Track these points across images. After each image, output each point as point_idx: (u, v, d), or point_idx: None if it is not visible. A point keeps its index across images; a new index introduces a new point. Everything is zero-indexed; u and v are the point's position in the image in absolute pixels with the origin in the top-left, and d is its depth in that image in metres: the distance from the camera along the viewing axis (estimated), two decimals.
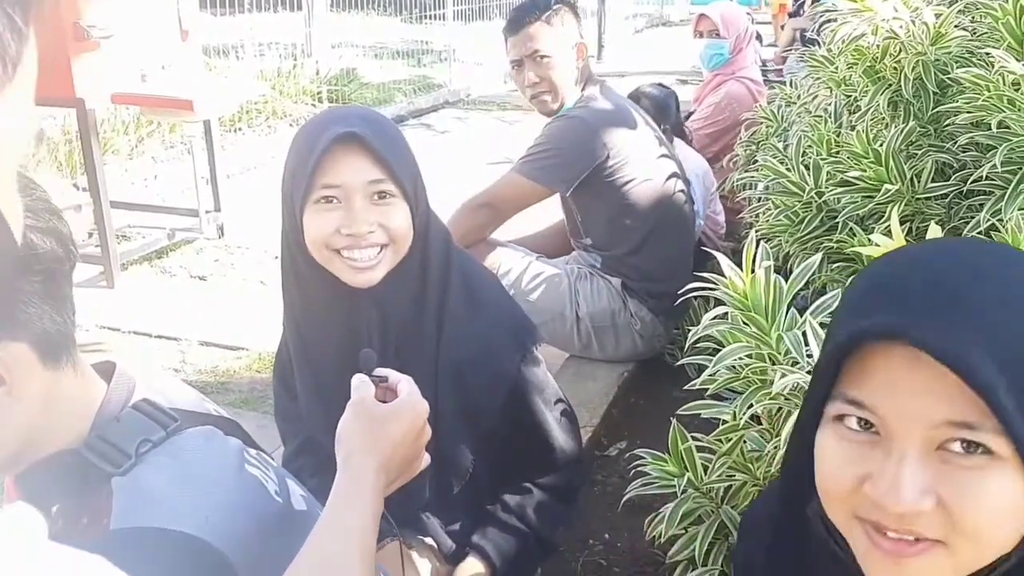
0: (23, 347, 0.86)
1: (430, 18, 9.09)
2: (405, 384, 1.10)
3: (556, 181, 2.47)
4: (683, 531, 1.65)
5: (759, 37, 4.98)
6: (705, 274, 1.53)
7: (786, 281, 1.52)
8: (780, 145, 2.64)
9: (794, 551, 0.88)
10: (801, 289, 1.56)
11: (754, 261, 1.50)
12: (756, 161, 2.79)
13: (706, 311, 2.75)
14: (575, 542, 2.04)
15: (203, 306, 3.85)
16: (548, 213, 2.86)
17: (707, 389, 1.68)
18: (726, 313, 1.56)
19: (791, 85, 3.06)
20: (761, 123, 2.97)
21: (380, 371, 1.12)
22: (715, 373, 1.56)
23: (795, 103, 2.90)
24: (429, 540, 1.60)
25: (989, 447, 0.67)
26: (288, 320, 1.60)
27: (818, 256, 1.53)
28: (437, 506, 1.59)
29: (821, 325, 1.40)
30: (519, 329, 1.60)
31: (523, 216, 2.66)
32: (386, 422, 1.05)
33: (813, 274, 1.60)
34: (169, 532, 0.88)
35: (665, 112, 3.20)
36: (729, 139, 3.72)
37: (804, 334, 1.38)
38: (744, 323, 1.52)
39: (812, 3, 8.53)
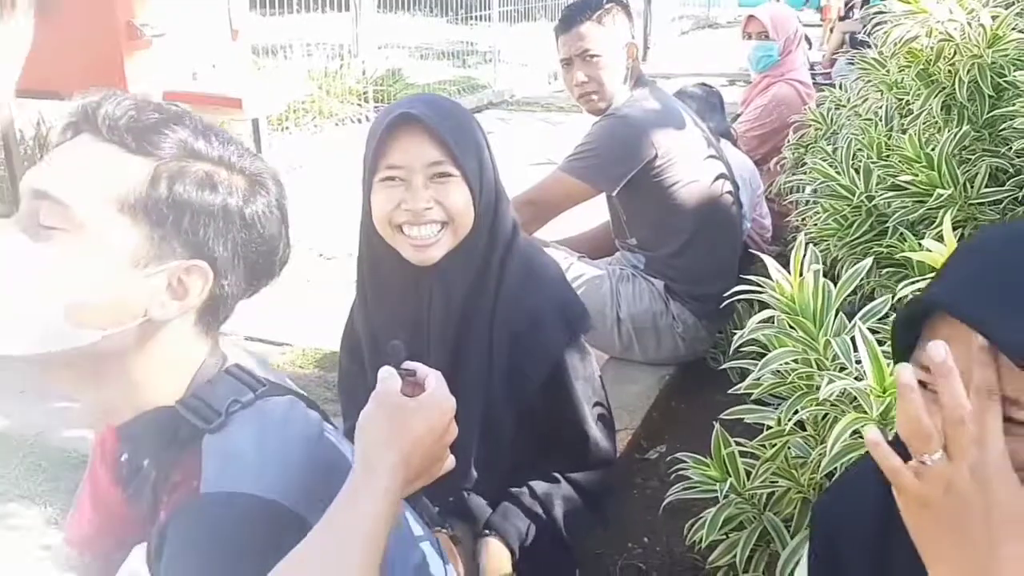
0: (210, 280, 0.95)
1: (475, 19, 9.11)
2: (433, 379, 1.04)
3: (603, 180, 2.45)
4: (724, 536, 1.63)
5: (808, 41, 4.92)
6: (752, 277, 1.51)
7: (834, 286, 1.50)
8: (829, 148, 2.61)
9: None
10: (850, 294, 1.54)
11: (802, 265, 1.48)
12: (804, 164, 2.76)
13: (751, 315, 2.73)
14: (613, 545, 2.03)
15: (248, 301, 3.89)
16: (591, 214, 2.84)
17: (750, 394, 1.67)
18: (772, 317, 1.55)
19: (840, 88, 3.02)
20: (810, 126, 2.93)
21: (409, 364, 1.07)
22: (759, 378, 1.55)
23: (844, 106, 2.86)
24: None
25: None
26: (359, 294, 1.67)
27: (868, 261, 1.50)
28: (480, 485, 1.61)
29: (871, 331, 1.37)
30: (568, 311, 1.62)
31: (566, 216, 2.65)
32: (410, 416, 0.98)
33: (862, 279, 1.57)
34: (256, 498, 0.90)
35: (709, 113, 3.17)
36: (776, 141, 3.68)
37: (853, 339, 1.36)
38: (791, 327, 1.50)
39: (862, 6, 8.42)
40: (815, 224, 2.11)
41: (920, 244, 1.61)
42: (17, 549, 2.31)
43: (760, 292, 1.50)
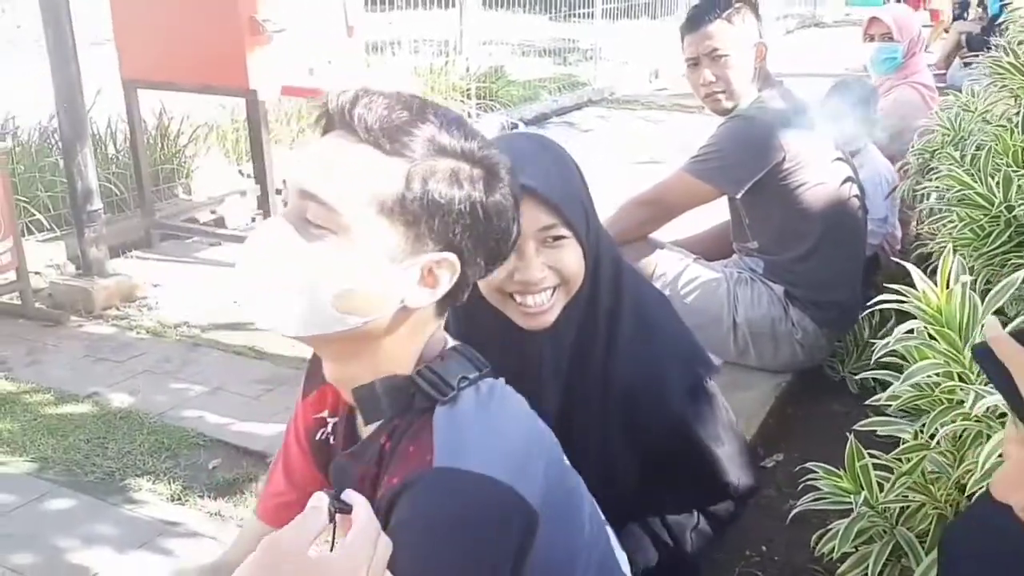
0: (457, 270, 1.01)
1: (577, 16, 9.11)
2: (360, 523, 0.83)
3: (727, 182, 2.43)
4: (853, 549, 1.61)
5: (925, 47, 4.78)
6: (894, 286, 1.48)
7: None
8: (956, 155, 2.53)
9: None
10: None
11: (949, 275, 1.44)
12: (930, 170, 2.68)
13: (870, 325, 2.67)
14: (730, 551, 2.02)
15: None
16: (706, 215, 2.82)
17: (871, 406, 1.64)
18: (912, 329, 1.51)
19: (970, 93, 2.92)
20: (935, 131, 2.85)
21: (351, 495, 0.86)
22: (899, 390, 1.52)
23: (971, 111, 2.77)
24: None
25: None
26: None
27: (1021, 273, 1.45)
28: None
29: None
30: (691, 359, 1.59)
31: (682, 217, 2.64)
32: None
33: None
34: (483, 477, 0.95)
35: (862, 107, 3.10)
36: (900, 145, 3.59)
37: None
38: (932, 339, 1.47)
39: (978, 5, 8.12)
40: (949, 233, 2.06)
41: None
42: (141, 523, 2.42)
43: (902, 301, 1.47)
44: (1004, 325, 1.44)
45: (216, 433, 2.88)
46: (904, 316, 1.52)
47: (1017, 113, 2.31)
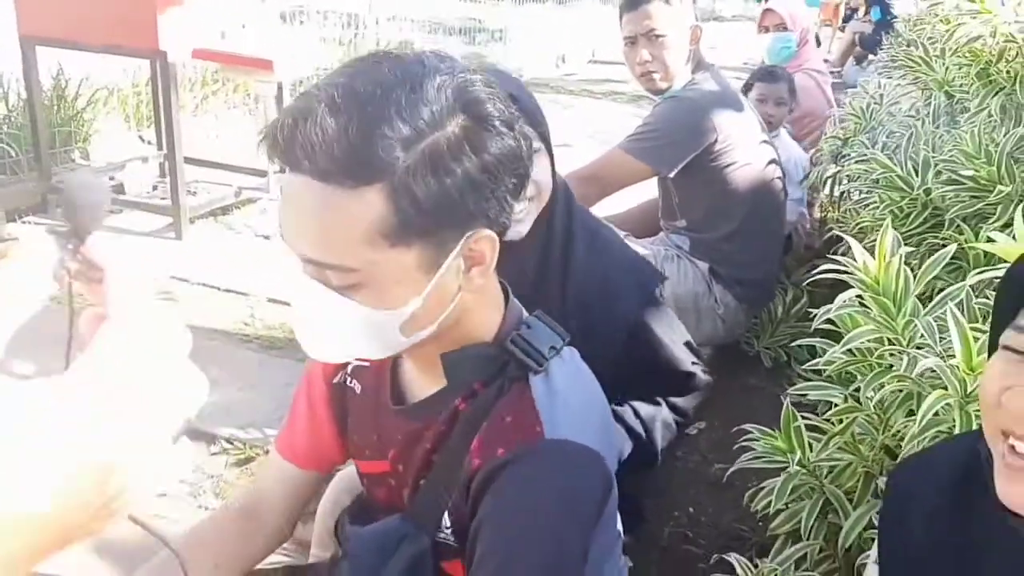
0: (495, 237, 0.95)
1: None
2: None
3: (661, 162, 2.49)
4: (784, 507, 1.70)
5: (818, 40, 5.02)
6: (838, 257, 1.57)
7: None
8: (868, 142, 2.67)
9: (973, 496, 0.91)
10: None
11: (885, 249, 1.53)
12: (843, 156, 2.82)
13: (784, 303, 2.79)
14: (659, 514, 2.09)
15: (269, 264, 3.91)
16: (634, 193, 2.88)
17: (784, 379, 1.73)
18: (853, 298, 1.60)
19: (878, 86, 3.09)
20: (846, 120, 3.00)
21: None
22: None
23: (879, 104, 2.93)
24: None
25: None
26: None
27: (951, 248, 1.56)
28: None
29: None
30: (639, 272, 1.67)
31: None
32: None
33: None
34: (588, 450, 0.97)
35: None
36: (797, 130, 3.79)
37: (936, 320, 1.42)
38: (865, 308, 1.56)
39: (866, 9, 8.51)
40: (871, 215, 2.17)
41: (990, 236, 1.67)
42: None
43: (842, 271, 1.55)
44: (931, 298, 1.55)
45: None
46: (817, 297, 1.61)
47: (927, 104, 2.45)
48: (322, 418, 1.22)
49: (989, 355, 0.87)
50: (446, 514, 1.01)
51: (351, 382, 1.18)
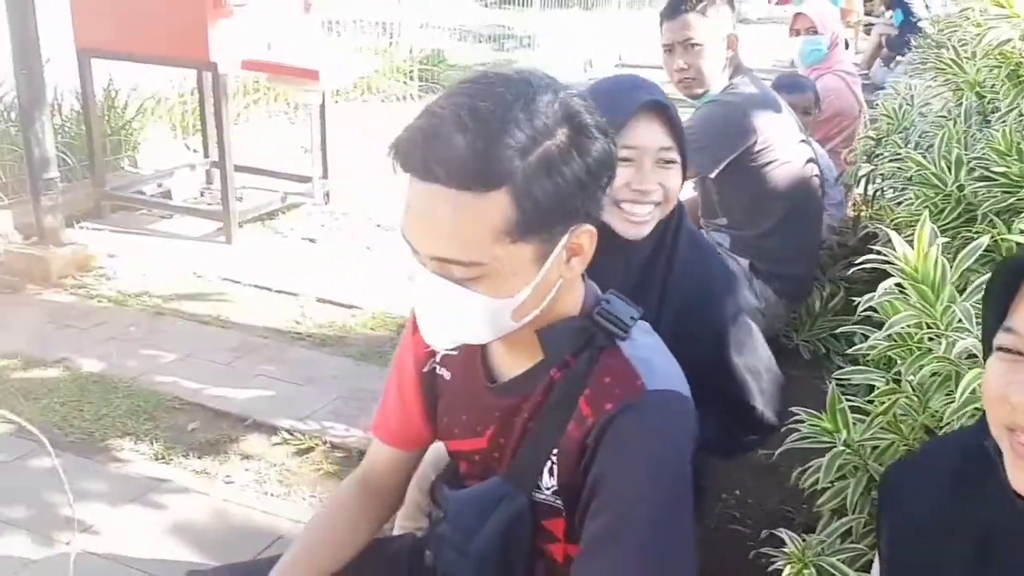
0: (593, 230, 1.08)
1: (511, 4, 9.26)
2: None
3: (702, 165, 2.57)
4: (830, 484, 1.80)
5: (846, 43, 5.12)
6: (880, 248, 1.67)
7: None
8: (902, 142, 2.76)
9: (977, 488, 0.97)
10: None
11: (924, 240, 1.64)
12: (876, 156, 2.92)
13: (821, 298, 2.88)
14: (711, 497, 2.19)
15: (315, 266, 4.06)
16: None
17: (823, 369, 1.81)
18: (893, 286, 1.70)
19: (908, 88, 3.18)
20: (879, 120, 3.09)
21: None
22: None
23: (911, 106, 3.01)
24: None
25: None
26: None
27: (984, 239, 1.66)
28: None
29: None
30: (732, 282, 1.75)
31: None
32: None
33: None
34: (682, 395, 1.13)
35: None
36: (828, 130, 3.89)
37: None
38: (904, 295, 1.67)
39: (886, 9, 8.57)
40: (906, 211, 2.26)
41: (1021, 230, 1.77)
42: (130, 480, 2.48)
43: (886, 262, 1.65)
44: (964, 289, 1.65)
45: (192, 397, 2.92)
46: (854, 292, 1.69)
47: (958, 105, 2.54)
48: (411, 403, 1.34)
49: (984, 357, 0.91)
50: (546, 474, 1.14)
51: (440, 370, 1.30)
